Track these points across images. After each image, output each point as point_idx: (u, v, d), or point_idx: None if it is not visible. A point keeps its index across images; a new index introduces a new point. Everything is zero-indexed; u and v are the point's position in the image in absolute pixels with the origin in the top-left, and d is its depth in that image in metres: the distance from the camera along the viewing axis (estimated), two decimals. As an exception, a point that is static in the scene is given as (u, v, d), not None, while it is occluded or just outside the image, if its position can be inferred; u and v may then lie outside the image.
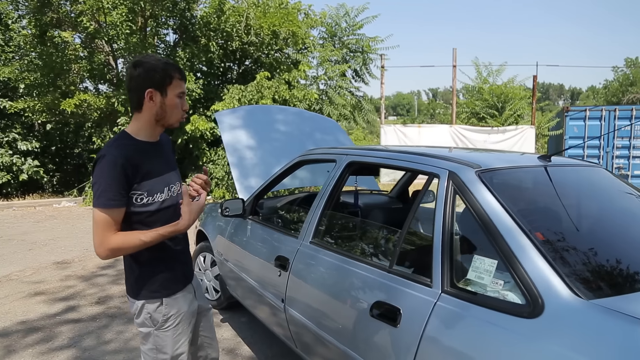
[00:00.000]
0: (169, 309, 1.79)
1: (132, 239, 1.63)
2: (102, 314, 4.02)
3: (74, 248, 6.42)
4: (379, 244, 2.34)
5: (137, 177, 1.64)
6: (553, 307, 1.35)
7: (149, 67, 1.63)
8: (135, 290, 1.77)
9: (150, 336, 1.79)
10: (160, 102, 1.67)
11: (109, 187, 1.58)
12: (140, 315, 1.78)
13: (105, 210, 1.58)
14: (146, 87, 1.63)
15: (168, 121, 1.73)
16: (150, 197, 1.69)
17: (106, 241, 1.59)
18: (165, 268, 1.79)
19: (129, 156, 1.62)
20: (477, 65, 19.03)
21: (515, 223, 1.55)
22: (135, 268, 1.76)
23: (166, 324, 1.79)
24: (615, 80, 33.23)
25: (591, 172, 2.25)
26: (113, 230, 1.61)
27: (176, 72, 1.69)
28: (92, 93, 11.03)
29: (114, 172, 1.58)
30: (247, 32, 11.05)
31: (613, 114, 13.66)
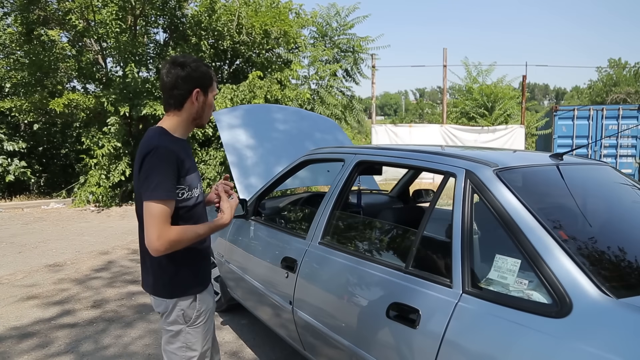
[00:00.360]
0: (201, 304, 1.81)
1: (189, 231, 1.65)
2: (99, 318, 3.94)
3: (66, 250, 6.30)
4: (393, 244, 2.31)
5: (182, 172, 1.67)
6: (582, 307, 1.33)
7: (194, 68, 1.70)
8: (169, 289, 1.76)
9: (180, 334, 1.78)
10: (202, 102, 1.74)
11: (167, 179, 1.59)
12: (172, 314, 1.76)
13: (164, 202, 1.58)
14: (194, 86, 1.70)
15: (202, 120, 1.80)
16: (190, 192, 1.72)
17: (165, 234, 1.57)
18: (198, 264, 1.82)
19: (176, 150, 1.66)
20: (467, 65, 19.18)
21: (537, 222, 1.54)
22: (170, 266, 1.74)
23: (198, 320, 1.80)
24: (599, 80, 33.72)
25: (602, 171, 2.25)
26: (169, 223, 1.60)
27: (213, 74, 1.79)
28: (80, 92, 10.85)
29: (169, 164, 1.61)
30: (239, 31, 10.96)
31: (600, 113, 13.87)
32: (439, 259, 1.85)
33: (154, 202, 1.57)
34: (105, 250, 6.31)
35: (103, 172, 9.90)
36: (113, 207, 10.13)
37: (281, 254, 2.69)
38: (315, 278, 2.37)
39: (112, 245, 6.66)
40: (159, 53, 11.39)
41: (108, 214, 9.44)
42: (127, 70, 9.41)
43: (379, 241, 2.43)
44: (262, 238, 3.02)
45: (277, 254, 2.75)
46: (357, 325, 2.02)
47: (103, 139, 9.88)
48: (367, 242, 2.47)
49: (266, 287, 2.83)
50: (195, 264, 1.81)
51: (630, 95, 25.89)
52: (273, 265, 2.74)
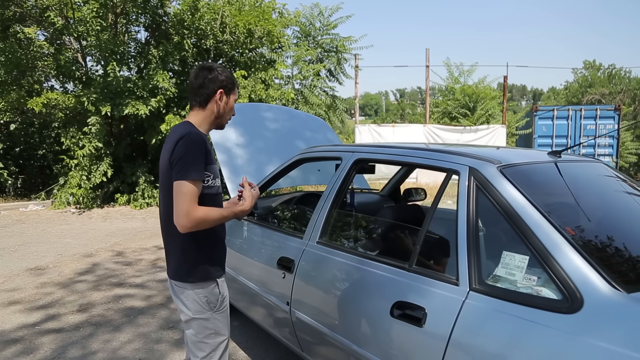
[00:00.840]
0: (223, 289, 1.94)
1: (215, 212, 1.77)
2: (86, 322, 3.84)
3: (47, 253, 6.13)
4: (395, 242, 2.29)
5: (208, 160, 1.81)
6: (593, 302, 1.34)
7: (221, 71, 1.90)
8: (192, 272, 1.84)
9: (209, 321, 1.87)
10: (224, 103, 1.92)
11: (199, 161, 1.74)
12: (196, 301, 1.85)
13: (195, 182, 1.72)
14: (218, 87, 1.89)
15: (222, 120, 1.97)
16: (214, 180, 1.86)
17: (194, 211, 1.69)
18: (219, 249, 1.95)
19: (205, 140, 1.81)
20: (449, 65, 19.36)
21: (544, 218, 1.54)
22: (193, 251, 1.84)
23: (222, 305, 1.92)
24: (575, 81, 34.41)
25: (597, 168, 2.27)
26: (197, 202, 1.72)
27: (236, 81, 1.98)
28: (59, 92, 10.59)
29: (200, 149, 1.75)
30: (222, 30, 10.85)
31: (579, 113, 14.17)
32: (444, 256, 1.84)
33: (185, 181, 1.70)
34: (88, 253, 6.17)
35: (84, 173, 9.68)
36: (95, 209, 9.93)
37: (277, 254, 2.65)
38: (314, 278, 2.34)
39: (96, 247, 6.52)
40: (141, 52, 11.19)
41: (90, 216, 9.24)
42: (109, 69, 9.22)
43: (380, 240, 2.42)
44: (256, 238, 2.98)
45: (272, 255, 2.71)
46: (359, 325, 1.99)
47: (83, 139, 9.67)
48: (367, 241, 2.45)
49: (261, 288, 2.79)
50: (216, 250, 1.92)
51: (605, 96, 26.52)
52: (268, 266, 2.71)
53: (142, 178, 10.26)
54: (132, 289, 4.71)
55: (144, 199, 10.22)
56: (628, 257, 1.53)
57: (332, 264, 2.24)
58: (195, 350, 1.90)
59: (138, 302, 4.31)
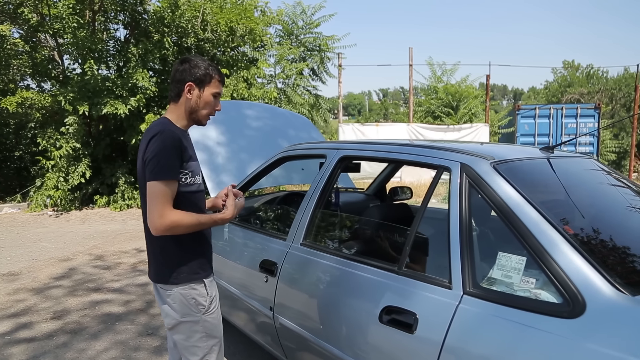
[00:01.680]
0: (211, 290, 1.85)
1: (190, 217, 1.68)
2: (60, 330, 3.66)
3: (21, 258, 5.90)
4: (383, 243, 2.19)
5: (185, 157, 1.73)
6: (596, 305, 1.25)
7: (194, 64, 1.79)
8: (176, 274, 1.76)
9: (199, 324, 1.79)
10: (196, 97, 1.79)
11: (172, 160, 1.65)
12: (184, 303, 1.77)
13: (168, 183, 1.63)
14: (187, 80, 1.77)
15: (198, 116, 1.83)
16: (193, 178, 1.78)
17: (167, 213, 1.62)
18: (203, 250, 1.85)
19: (180, 136, 1.72)
20: (431, 64, 19.40)
21: (541, 216, 1.46)
22: (176, 252, 1.77)
23: (212, 306, 1.83)
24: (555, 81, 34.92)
25: (590, 163, 2.21)
26: (171, 203, 1.65)
27: (216, 74, 1.83)
28: (35, 91, 10.28)
29: (174, 147, 1.66)
30: (204, 28, 10.65)
31: (560, 112, 14.33)
32: (435, 258, 1.74)
33: (157, 181, 1.62)
34: (65, 257, 5.95)
35: (61, 175, 9.39)
36: (73, 211, 9.65)
37: (259, 257, 2.53)
38: (298, 281, 2.22)
39: (73, 251, 6.30)
40: (120, 50, 10.93)
41: (67, 219, 8.97)
42: (86, 67, 8.96)
43: (368, 241, 2.32)
44: (237, 240, 2.85)
45: (254, 257, 2.59)
46: (346, 331, 1.89)
47: (61, 140, 9.38)
48: (354, 242, 2.35)
49: (243, 292, 2.67)
50: (200, 248, 1.84)
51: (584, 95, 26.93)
52: (250, 269, 2.58)
53: (122, 179, 10.01)
54: (110, 294, 4.54)
55: (124, 201, 9.97)
56: (632, 256, 1.46)
57: (316, 267, 2.13)
58: (188, 355, 1.83)
59: (116, 308, 4.14)
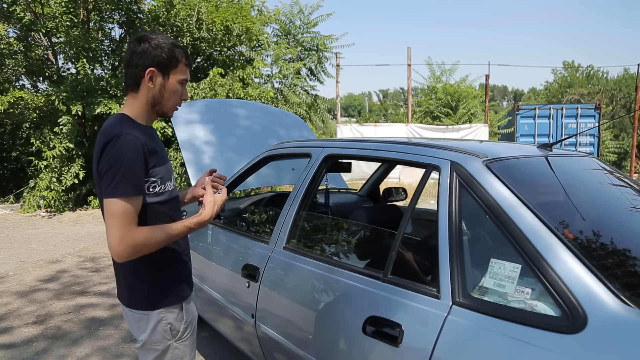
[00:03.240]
0: (188, 314, 1.61)
1: (159, 232, 1.40)
2: (40, 335, 3.52)
3: (9, 260, 5.76)
4: (368, 248, 2.06)
5: (151, 162, 1.44)
6: (598, 319, 1.12)
7: (155, 45, 1.45)
8: (149, 299, 1.52)
9: (168, 351, 1.55)
10: (160, 85, 1.49)
11: (131, 171, 1.35)
12: (157, 330, 1.53)
13: (128, 199, 1.35)
14: (148, 65, 1.46)
15: (163, 108, 1.54)
16: (163, 185, 1.50)
17: (129, 236, 1.34)
18: (179, 267, 1.60)
19: (143, 138, 1.42)
20: (430, 64, 19.27)
21: (538, 219, 1.32)
22: (147, 273, 1.51)
23: (186, 332, 1.60)
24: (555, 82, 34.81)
25: (590, 162, 2.07)
26: (134, 223, 1.37)
27: (183, 56, 1.52)
28: (29, 91, 10.15)
29: (135, 154, 1.37)
30: (199, 27, 10.53)
31: (560, 112, 14.20)
32: (423, 264, 1.61)
33: (115, 199, 1.34)
34: (54, 259, 5.81)
35: (54, 175, 9.26)
36: (66, 212, 9.51)
37: (242, 261, 2.40)
38: (279, 288, 2.09)
39: (62, 253, 6.16)
40: (115, 49, 10.80)
41: (60, 220, 8.83)
42: (79, 66, 8.84)
43: (352, 245, 2.18)
44: (221, 243, 2.72)
45: (237, 261, 2.46)
46: (328, 343, 1.75)
47: (54, 140, 9.25)
48: (338, 246, 2.21)
49: (226, 298, 2.54)
50: (177, 267, 1.59)
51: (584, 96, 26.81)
52: (233, 273, 2.45)
53: (116, 180, 9.86)
54: (96, 297, 4.40)
55: (118, 202, 9.82)
56: (638, 264, 1.32)
57: (299, 272, 2.00)
58: None
59: (101, 312, 4.01)
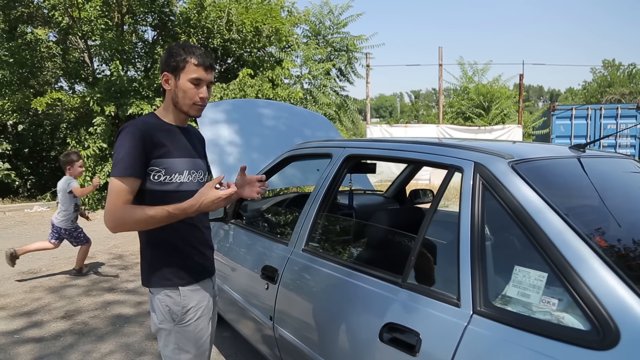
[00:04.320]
0: (187, 300, 1.71)
1: (138, 211, 1.56)
2: (68, 330, 3.60)
3: (43, 256, 5.94)
4: (387, 252, 1.99)
5: (155, 152, 1.63)
6: (632, 335, 1.03)
7: (169, 52, 1.67)
8: (147, 276, 1.72)
9: (171, 334, 1.70)
10: (174, 86, 1.68)
11: (126, 156, 1.57)
12: (158, 309, 1.70)
13: (120, 179, 1.56)
14: (163, 70, 1.69)
15: (182, 107, 1.70)
16: (168, 175, 1.66)
17: (113, 210, 1.56)
18: (179, 255, 1.72)
19: (150, 130, 1.63)
20: (462, 64, 18.92)
21: (567, 225, 1.23)
22: (148, 252, 1.72)
23: (186, 318, 1.70)
24: (593, 81, 33.64)
25: (628, 164, 1.95)
26: (123, 200, 1.57)
27: (193, 57, 1.65)
28: (66, 92, 10.49)
29: (132, 142, 1.58)
30: (229, 28, 10.65)
31: (599, 112, 13.65)
32: (443, 270, 1.54)
33: (112, 178, 1.58)
34: (85, 256, 5.96)
35: (88, 174, 9.53)
36: (99, 210, 9.76)
37: (262, 262, 2.37)
38: (297, 290, 2.05)
39: (93, 250, 6.29)
40: (147, 52, 11.04)
41: (93, 218, 9.04)
42: (112, 68, 9.07)
43: (371, 248, 2.12)
44: (242, 244, 2.70)
45: (257, 262, 2.44)
46: (344, 349, 1.70)
47: (89, 140, 9.53)
48: (357, 249, 2.16)
49: (246, 299, 2.52)
50: (179, 254, 1.71)
51: (625, 96, 25.77)
52: (252, 275, 2.43)
53: (148, 179, 10.08)
54: (123, 294, 4.48)
55: (149, 200, 10.04)
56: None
57: (317, 275, 1.95)
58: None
59: (127, 309, 4.07)
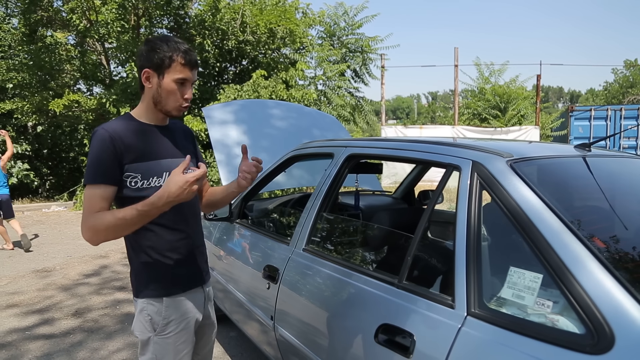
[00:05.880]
0: (171, 311, 1.61)
1: (107, 216, 1.43)
2: (78, 328, 3.65)
3: (57, 255, 6.05)
4: (384, 252, 1.97)
5: (129, 156, 1.51)
6: (627, 339, 0.99)
7: (152, 47, 1.53)
8: (135, 286, 1.62)
9: (149, 344, 1.60)
10: (156, 85, 1.55)
11: (96, 162, 1.48)
12: (140, 318, 1.60)
13: (91, 187, 1.47)
14: (144, 66, 1.54)
15: (164, 107, 1.58)
16: (145, 180, 1.55)
17: (85, 219, 1.44)
18: (163, 263, 1.61)
19: (122, 133, 1.51)
20: (479, 65, 18.69)
21: (564, 225, 1.20)
22: (133, 260, 1.62)
23: (167, 329, 1.60)
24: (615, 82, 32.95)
25: (637, 165, 1.89)
26: (96, 208, 1.46)
27: (179, 55, 1.53)
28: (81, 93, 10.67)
29: (102, 147, 1.48)
30: (243, 30, 10.71)
31: (619, 113, 13.35)
32: (438, 271, 1.51)
33: (85, 186, 1.49)
34: (98, 255, 6.05)
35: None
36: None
37: (264, 262, 2.37)
38: (297, 290, 2.04)
39: (107, 249, 6.39)
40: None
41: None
42: (128, 69, 9.20)
43: (369, 249, 2.10)
44: (246, 244, 2.70)
45: (259, 262, 2.43)
46: (341, 350, 1.68)
47: (105, 141, 9.66)
48: (356, 249, 2.14)
49: (248, 299, 2.51)
50: (163, 264, 1.60)
51: (648, 96, 25.15)
52: (255, 274, 2.42)
53: (162, 179, 10.19)
54: (133, 293, 4.52)
55: (164, 200, 10.14)
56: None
57: (316, 275, 1.94)
58: None
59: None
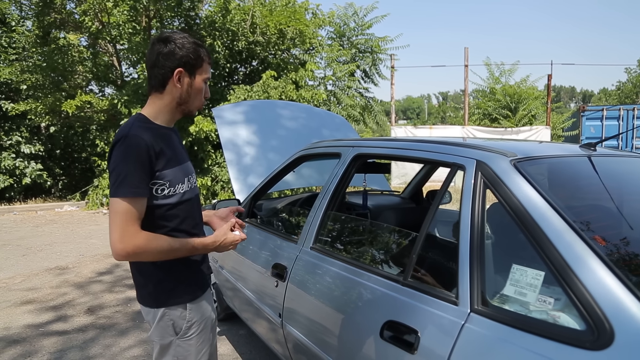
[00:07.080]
0: (193, 314, 1.60)
1: (161, 241, 1.42)
2: (91, 325, 3.72)
3: (70, 254, 6.15)
4: (391, 251, 2.00)
5: (160, 164, 1.45)
6: (627, 335, 1.01)
7: (180, 44, 1.47)
8: (155, 297, 1.55)
9: (170, 347, 1.58)
10: (187, 85, 1.51)
11: (133, 173, 1.37)
12: (161, 324, 1.56)
13: (129, 200, 1.36)
14: (176, 66, 1.48)
15: (189, 107, 1.56)
16: (172, 187, 1.50)
17: (129, 237, 1.35)
18: (188, 270, 1.60)
19: (153, 140, 1.44)
20: (489, 65, 18.59)
21: (566, 223, 1.22)
22: (154, 272, 1.53)
23: (190, 332, 1.59)
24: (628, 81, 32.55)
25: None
26: (137, 225, 1.38)
27: (207, 55, 1.55)
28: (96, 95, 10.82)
29: (139, 156, 1.38)
30: (253, 30, 10.77)
31: (631, 113, 13.21)
32: (443, 269, 1.54)
33: (117, 199, 1.36)
34: (109, 254, 6.12)
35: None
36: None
37: (272, 260, 2.41)
38: (304, 288, 2.07)
39: (118, 248, 6.48)
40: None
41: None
42: (139, 70, 9.30)
43: (376, 247, 2.12)
44: (254, 242, 2.74)
45: (268, 260, 2.47)
46: (348, 346, 1.71)
47: (117, 141, 9.78)
48: (362, 247, 2.16)
49: (257, 297, 2.55)
50: (187, 270, 1.60)
51: (662, 96, 24.82)
52: (264, 272, 2.46)
53: (173, 179, 10.29)
54: (145, 291, 4.59)
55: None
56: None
57: (324, 273, 1.97)
58: None
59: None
